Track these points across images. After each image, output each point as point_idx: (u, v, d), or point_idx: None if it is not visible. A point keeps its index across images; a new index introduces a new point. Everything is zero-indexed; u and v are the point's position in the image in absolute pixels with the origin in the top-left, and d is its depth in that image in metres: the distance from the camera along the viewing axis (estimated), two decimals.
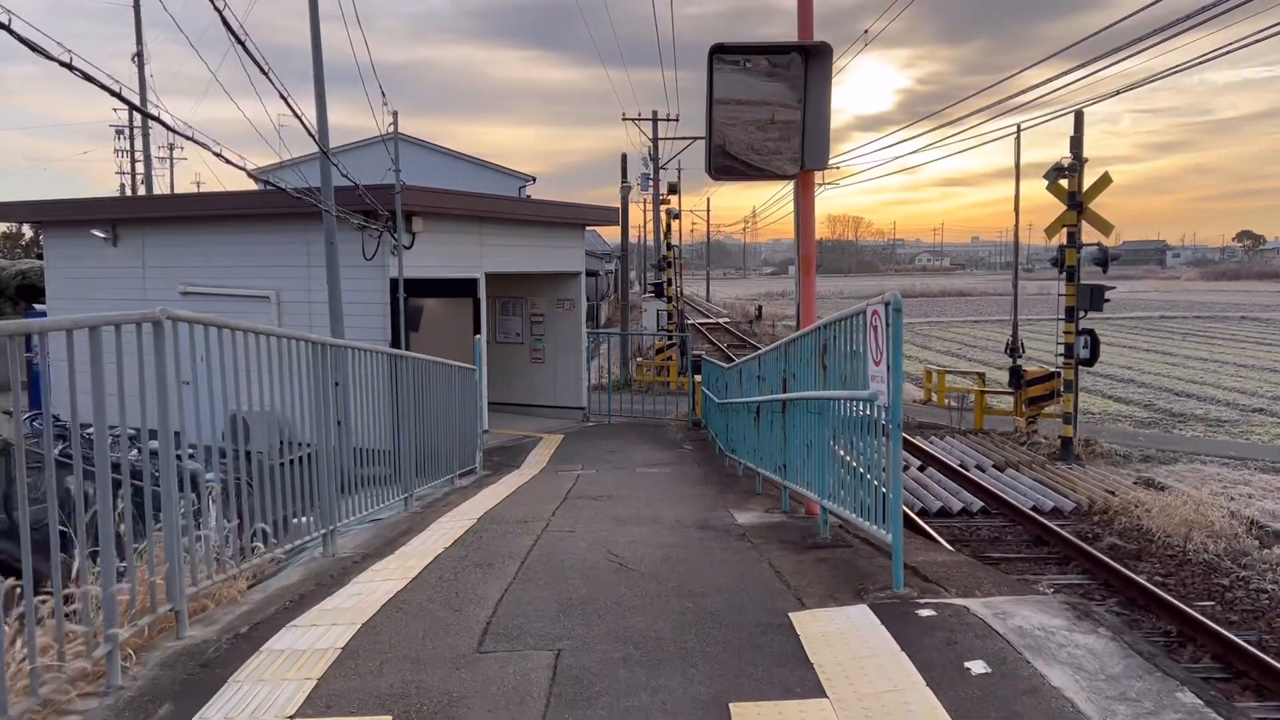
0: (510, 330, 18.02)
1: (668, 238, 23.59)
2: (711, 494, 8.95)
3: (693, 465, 11.84)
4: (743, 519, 7.10)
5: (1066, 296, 14.06)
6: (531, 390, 17.79)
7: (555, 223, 16.54)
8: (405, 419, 8.01)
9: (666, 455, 12.93)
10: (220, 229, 14.50)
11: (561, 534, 6.45)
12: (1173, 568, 9.04)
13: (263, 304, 14.10)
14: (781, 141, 6.85)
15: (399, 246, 12.39)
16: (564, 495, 8.69)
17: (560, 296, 17.50)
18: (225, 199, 14.19)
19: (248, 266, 14.30)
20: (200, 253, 14.75)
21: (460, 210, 13.95)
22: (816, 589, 4.64)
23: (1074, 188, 13.78)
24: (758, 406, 8.90)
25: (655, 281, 25.09)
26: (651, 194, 33.78)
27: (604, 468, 11.59)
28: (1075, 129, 13.89)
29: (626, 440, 14.73)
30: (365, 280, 13.01)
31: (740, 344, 37.18)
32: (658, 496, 8.65)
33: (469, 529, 6.72)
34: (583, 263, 17.76)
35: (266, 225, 13.99)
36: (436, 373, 9.38)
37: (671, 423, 16.94)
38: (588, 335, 17.89)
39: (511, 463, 12.70)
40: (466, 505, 8.20)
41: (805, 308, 7.22)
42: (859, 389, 4.93)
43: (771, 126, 6.88)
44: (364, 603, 4.58)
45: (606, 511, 7.55)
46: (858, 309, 4.95)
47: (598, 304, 48.14)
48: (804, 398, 6.38)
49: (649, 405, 17.54)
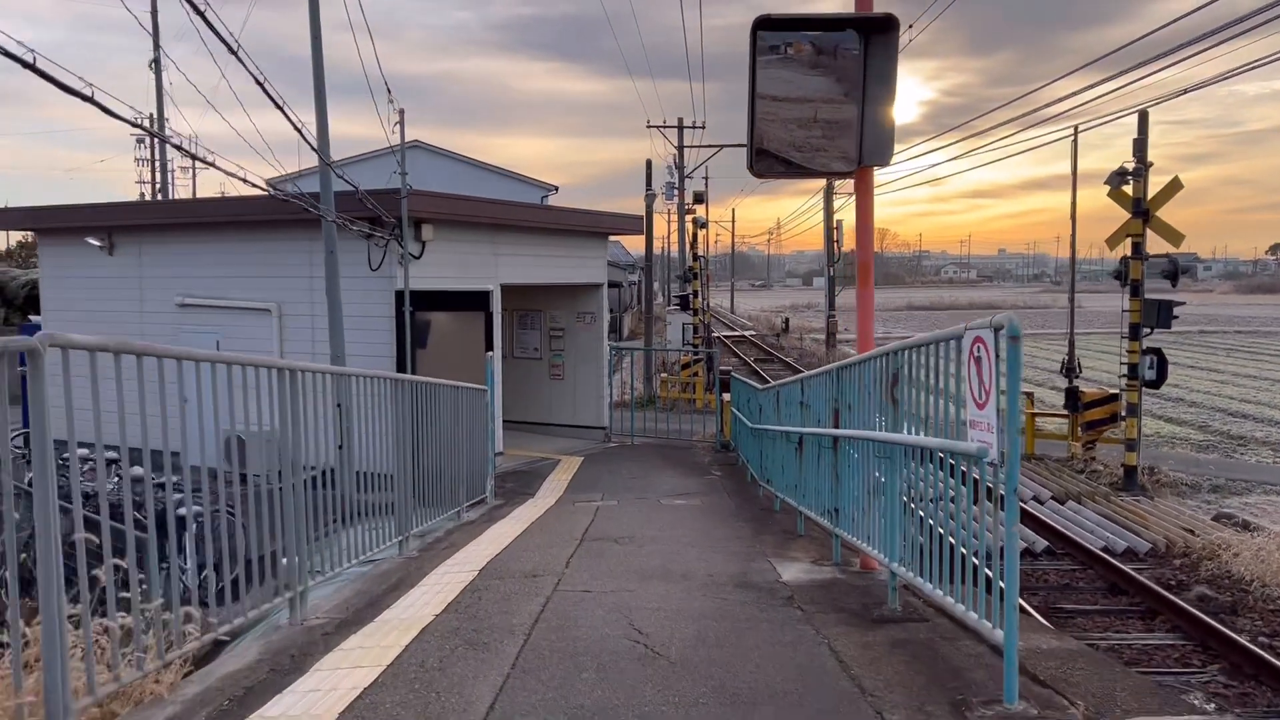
0: (528, 345, 17.07)
1: (694, 247, 22.60)
2: (747, 534, 7.92)
3: (723, 495, 10.80)
4: (788, 574, 6.07)
5: (1131, 312, 12.92)
6: (549, 408, 16.82)
7: (576, 231, 15.58)
8: (401, 452, 7.04)
9: (694, 483, 11.90)
10: (220, 237, 13.66)
11: (575, 595, 5.44)
12: (1278, 625, 7.91)
13: (263, 317, 13.23)
14: (831, 137, 5.85)
15: (406, 256, 11.46)
16: (580, 535, 7.69)
17: (581, 310, 16.53)
18: (224, 205, 13.34)
19: (248, 278, 13.44)
20: (199, 262, 13.91)
21: (473, 217, 13.02)
22: (897, 695, 3.61)
23: (1139, 193, 12.67)
24: (800, 437, 7.86)
25: (680, 294, 24.10)
26: (676, 203, 32.83)
27: (626, 498, 10.58)
28: (1139, 129, 12.78)
29: (650, 464, 13.71)
30: (370, 293, 12.09)
31: (767, 358, 36.08)
32: (686, 538, 7.64)
33: (467, 586, 5.73)
34: (605, 274, 16.78)
35: (268, 234, 13.12)
36: (441, 396, 8.42)
37: (698, 444, 15.90)
38: (610, 350, 16.91)
39: (526, 490, 11.72)
40: (470, 549, 7.20)
41: (862, 325, 6.19)
42: (951, 437, 3.90)
43: (815, 124, 5.88)
44: (319, 707, 3.59)
45: (629, 561, 6.54)
46: (949, 333, 3.92)
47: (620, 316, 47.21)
48: (866, 437, 5.35)
49: (674, 424, 16.52)
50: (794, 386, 8.54)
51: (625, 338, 44.52)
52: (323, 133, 10.38)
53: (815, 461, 7.40)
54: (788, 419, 8.94)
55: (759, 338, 46.69)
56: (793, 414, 8.72)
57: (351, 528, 6.10)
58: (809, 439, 7.64)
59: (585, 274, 16.07)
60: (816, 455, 7.33)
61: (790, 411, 8.91)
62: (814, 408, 7.55)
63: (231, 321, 13.60)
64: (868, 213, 6.11)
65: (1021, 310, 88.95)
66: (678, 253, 36.59)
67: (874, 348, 6.21)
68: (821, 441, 6.89)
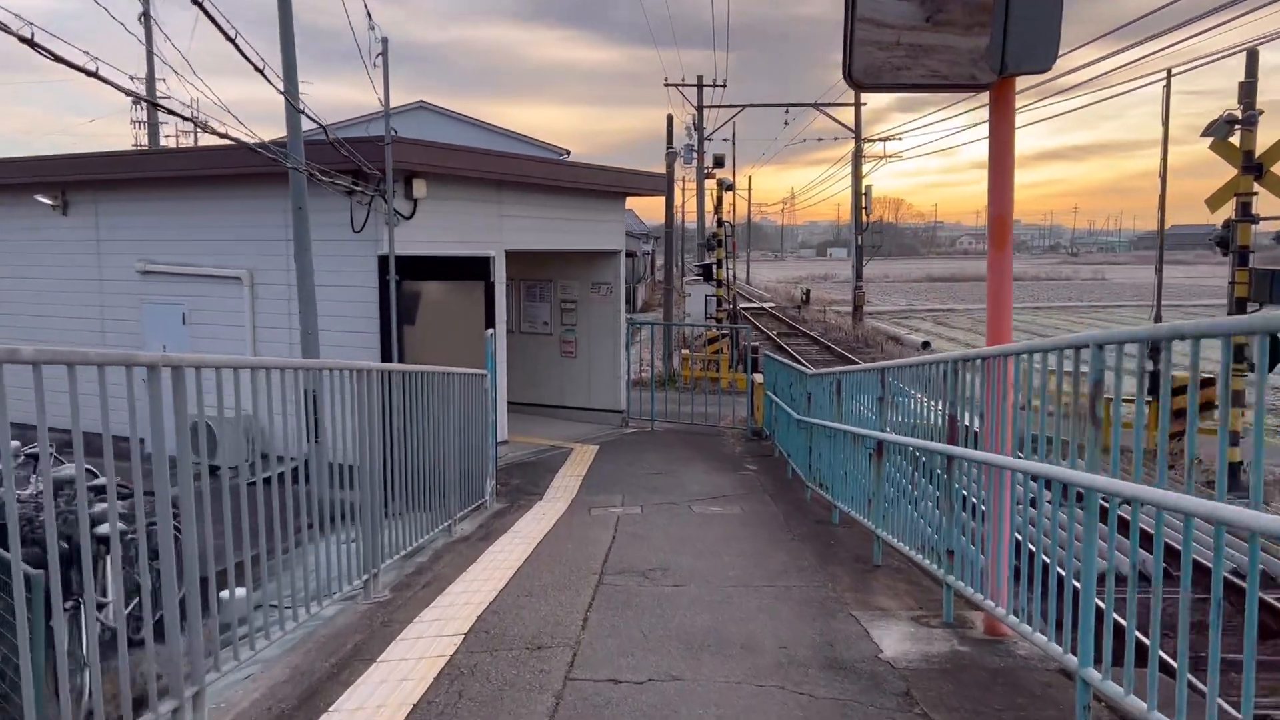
0: (536, 319, 15.36)
1: (718, 212, 20.80)
2: (810, 561, 6.26)
3: (764, 498, 9.14)
4: (889, 642, 4.40)
5: (1237, 284, 11.15)
6: (561, 389, 15.14)
7: (591, 190, 13.81)
8: (368, 464, 5.37)
9: (727, 481, 10.24)
10: (187, 195, 11.96)
11: (597, 692, 3.78)
12: None
13: (234, 287, 11.56)
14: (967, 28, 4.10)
15: (391, 215, 9.75)
16: (599, 567, 6.03)
17: (596, 280, 14.80)
18: (189, 157, 11.65)
19: (218, 241, 11.75)
20: (163, 223, 12.24)
21: (473, 171, 11.27)
22: None
23: (1249, 145, 10.85)
24: (879, 443, 6.17)
25: (703, 263, 22.34)
26: (695, 167, 30.98)
27: (650, 502, 8.93)
28: (1248, 72, 10.93)
29: (675, 456, 12.04)
30: (352, 259, 10.40)
31: (790, 331, 34.31)
32: (736, 571, 5.98)
33: (445, 668, 4.08)
34: (623, 240, 15.04)
35: (241, 191, 11.42)
36: (427, 387, 6.75)
37: (726, 431, 14.22)
38: (627, 324, 15.20)
39: (533, 488, 10.08)
40: (457, 589, 5.56)
41: (996, 305, 4.47)
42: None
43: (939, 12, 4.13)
44: None
45: (666, 615, 4.88)
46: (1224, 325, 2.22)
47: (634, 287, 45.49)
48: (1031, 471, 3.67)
49: (698, 406, 14.82)
50: (868, 377, 6.83)
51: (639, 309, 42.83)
52: (289, 66, 8.65)
53: (906, 478, 5.71)
54: (856, 416, 7.24)
55: (779, 310, 44.89)
56: (864, 411, 7.02)
57: (300, 562, 4.47)
58: (893, 447, 5.95)
59: (601, 239, 14.33)
60: (910, 471, 5.64)
61: (859, 407, 7.21)
62: (904, 407, 5.84)
63: (200, 291, 11.95)
64: (1007, 144, 4.37)
65: (1044, 283, 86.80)
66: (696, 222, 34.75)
67: (1009, 334, 4.51)
68: (925, 457, 5.20)
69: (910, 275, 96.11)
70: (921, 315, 47.80)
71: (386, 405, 5.74)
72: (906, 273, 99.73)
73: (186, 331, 12.09)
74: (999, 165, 4.37)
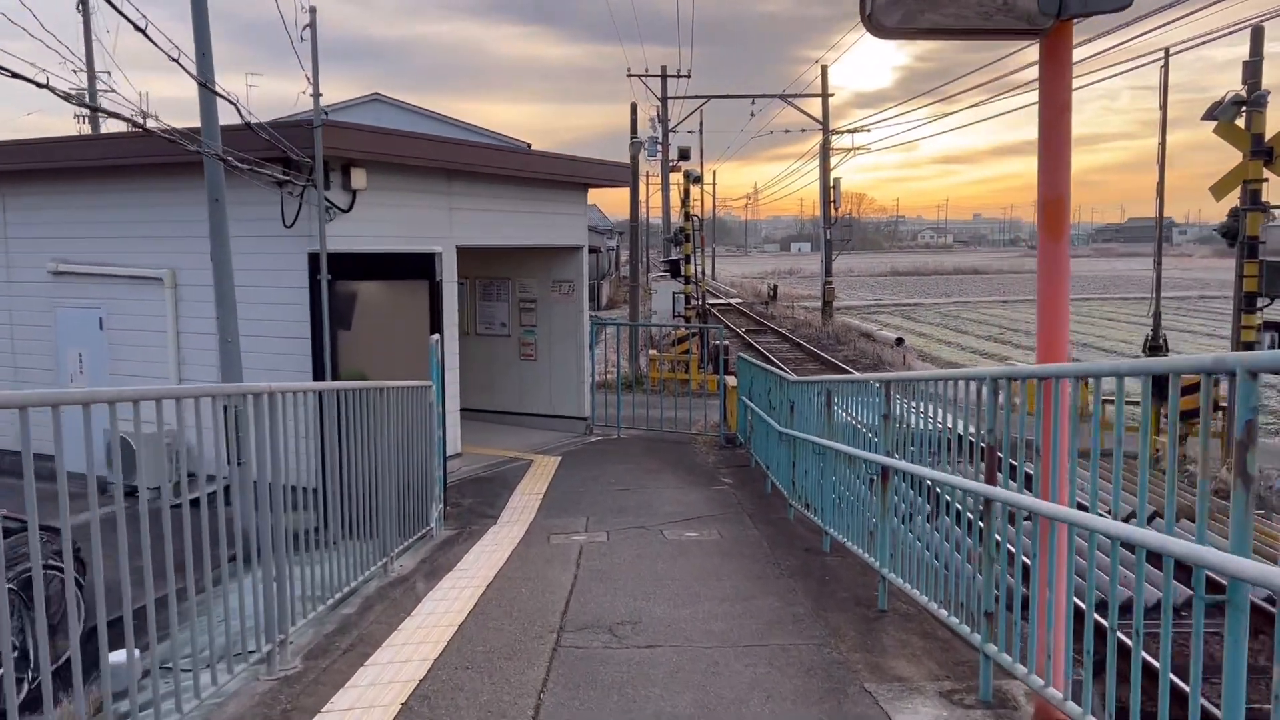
0: (494, 319, 14.33)
1: (685, 206, 19.89)
2: (804, 607, 5.36)
3: (744, 520, 8.24)
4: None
5: (1246, 278, 10.39)
6: (520, 395, 14.14)
7: (550, 181, 12.81)
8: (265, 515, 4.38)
9: (701, 497, 9.33)
10: (103, 187, 10.81)
11: None
12: None
13: (154, 288, 10.45)
14: None
15: (321, 207, 8.70)
16: (557, 624, 5.07)
17: (557, 277, 13.81)
18: (102, 145, 10.48)
19: (137, 238, 10.63)
20: (78, 219, 11.07)
21: (419, 160, 10.23)
22: None
23: (1259, 128, 10.10)
24: (883, 469, 5.28)
25: (670, 259, 21.38)
26: (660, 160, 30.06)
27: (617, 526, 7.99)
28: (1252, 50, 10.18)
29: (643, 467, 11.11)
30: (284, 256, 9.32)
31: (759, 328, 33.50)
32: (718, 621, 5.06)
33: None
34: (585, 234, 14.04)
35: (161, 182, 10.29)
36: (356, 405, 5.76)
37: (698, 438, 13.30)
38: (591, 324, 14.22)
39: (487, 508, 9.10)
40: (380, 661, 4.58)
41: (1049, 303, 3.57)
42: None
43: None
44: None
45: (639, 702, 3.94)
46: None
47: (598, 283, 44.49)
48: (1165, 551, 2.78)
49: (666, 410, 13.87)
50: (867, 390, 5.93)
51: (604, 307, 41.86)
52: (202, 43, 7.58)
53: (920, 513, 4.82)
54: (851, 433, 6.35)
55: (747, 306, 44.09)
56: (861, 428, 6.12)
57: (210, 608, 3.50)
58: (900, 475, 5.05)
59: (562, 234, 13.34)
60: (921, 504, 4.75)
61: (854, 422, 6.31)
62: (922, 434, 4.95)
63: (118, 294, 10.82)
64: (1063, 106, 3.47)
65: (1009, 276, 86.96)
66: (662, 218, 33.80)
67: (1065, 346, 3.63)
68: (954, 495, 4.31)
69: (875, 270, 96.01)
70: (890, 310, 47.26)
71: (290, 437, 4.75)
72: (870, 267, 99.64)
73: (104, 338, 10.96)
74: (1053, 133, 3.47)
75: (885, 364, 24.09)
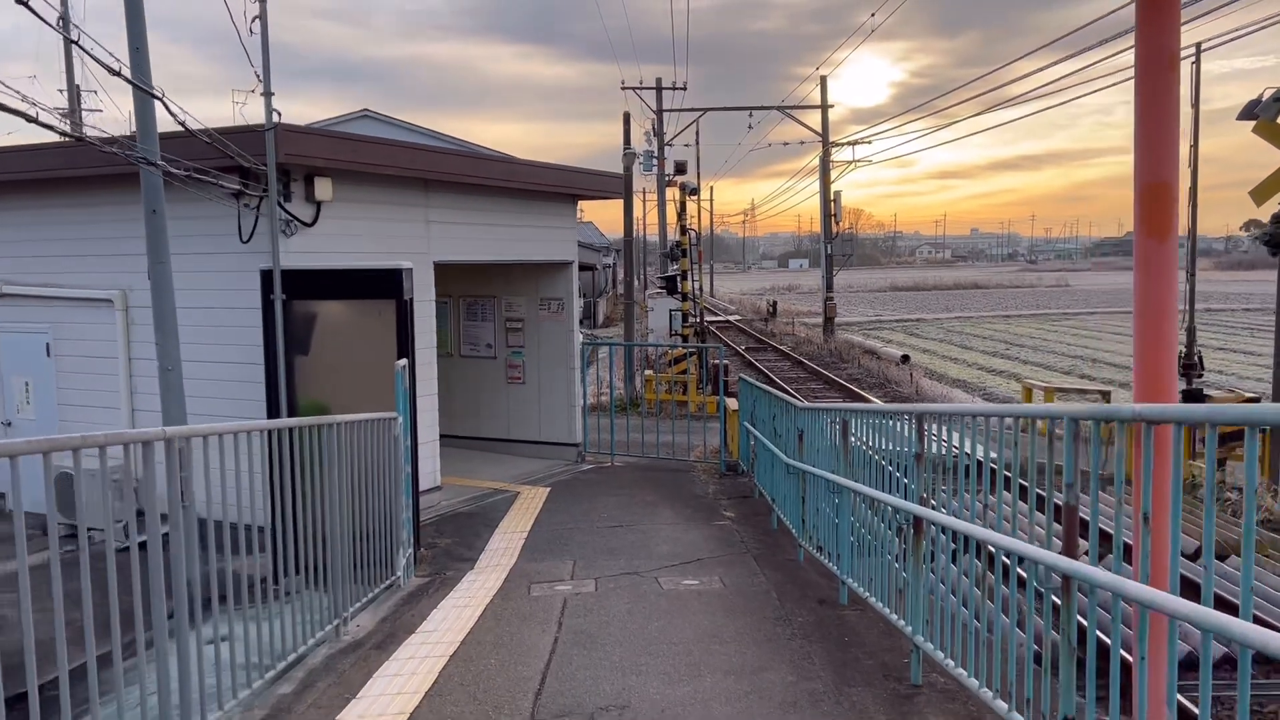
0: (479, 340, 13.48)
1: (681, 219, 19.08)
2: (826, 684, 4.50)
3: (749, 563, 7.38)
4: None
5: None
6: (507, 421, 13.28)
7: (538, 192, 11.99)
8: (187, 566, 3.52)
9: (701, 536, 8.47)
10: (49, 202, 9.99)
11: None
12: None
13: (104, 311, 9.61)
14: None
15: (275, 219, 7.87)
16: (528, 711, 4.20)
17: (546, 295, 12.98)
18: (41, 156, 9.63)
19: (85, 256, 9.80)
20: (22, 237, 10.25)
21: (392, 168, 9.40)
22: None
23: None
24: (914, 519, 4.42)
25: (666, 275, 20.56)
26: (656, 174, 29.31)
27: (607, 572, 7.13)
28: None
29: (638, 500, 10.25)
30: (240, 274, 8.47)
31: (760, 345, 32.67)
32: (723, 704, 4.19)
33: None
34: (575, 249, 13.22)
35: (111, 196, 9.45)
36: (299, 446, 4.91)
37: (697, 465, 12.44)
38: (583, 344, 13.38)
39: (465, 551, 8.24)
40: None
41: (1149, 320, 2.73)
42: None
43: None
44: None
45: None
46: None
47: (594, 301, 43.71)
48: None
49: (664, 435, 13.01)
50: (892, 424, 5.07)
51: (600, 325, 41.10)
52: (136, 41, 6.75)
53: (970, 576, 3.96)
54: (872, 470, 5.49)
55: (746, 323, 43.27)
56: (886, 466, 5.26)
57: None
58: (936, 529, 4.20)
59: (551, 249, 12.52)
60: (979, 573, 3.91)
61: (876, 456, 5.45)
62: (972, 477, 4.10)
63: (66, 317, 9.99)
64: (1167, 79, 2.64)
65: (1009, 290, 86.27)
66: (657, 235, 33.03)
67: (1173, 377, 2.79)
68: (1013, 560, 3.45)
69: (874, 285, 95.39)
70: (892, 326, 46.44)
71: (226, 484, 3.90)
72: (869, 282, 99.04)
73: (52, 365, 10.11)
74: (1154, 99, 2.64)
75: (891, 382, 23.22)
